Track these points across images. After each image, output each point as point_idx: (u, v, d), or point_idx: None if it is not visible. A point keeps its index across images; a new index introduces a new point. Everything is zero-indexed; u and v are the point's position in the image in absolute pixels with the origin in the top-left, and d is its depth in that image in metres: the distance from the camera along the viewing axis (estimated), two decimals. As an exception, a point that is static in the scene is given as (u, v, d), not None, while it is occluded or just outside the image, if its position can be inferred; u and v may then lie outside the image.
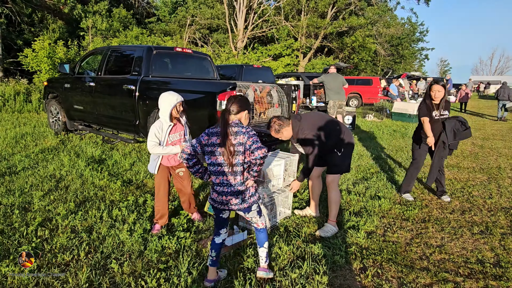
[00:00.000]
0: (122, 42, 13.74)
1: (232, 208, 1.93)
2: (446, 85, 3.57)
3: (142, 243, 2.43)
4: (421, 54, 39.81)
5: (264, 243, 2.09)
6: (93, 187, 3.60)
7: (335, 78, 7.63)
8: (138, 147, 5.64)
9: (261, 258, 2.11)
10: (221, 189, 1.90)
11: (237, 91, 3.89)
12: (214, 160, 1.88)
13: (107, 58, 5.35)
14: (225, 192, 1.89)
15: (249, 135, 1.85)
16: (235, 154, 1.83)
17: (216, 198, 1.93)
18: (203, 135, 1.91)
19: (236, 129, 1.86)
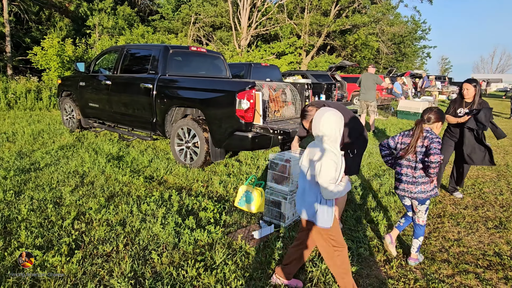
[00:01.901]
0: (128, 40, 13.81)
1: (411, 196, 2.35)
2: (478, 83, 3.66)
3: (176, 236, 2.54)
4: (423, 52, 39.83)
5: (419, 237, 2.42)
6: (118, 183, 3.72)
7: (366, 78, 7.81)
8: (153, 144, 5.75)
9: (413, 248, 2.44)
10: (404, 179, 2.36)
11: (255, 89, 4.00)
12: (401, 155, 2.36)
13: (123, 56, 5.45)
14: (407, 182, 2.34)
15: (433, 141, 2.23)
16: (419, 153, 2.27)
17: (399, 186, 2.42)
18: (398, 135, 2.44)
19: (425, 134, 2.28)
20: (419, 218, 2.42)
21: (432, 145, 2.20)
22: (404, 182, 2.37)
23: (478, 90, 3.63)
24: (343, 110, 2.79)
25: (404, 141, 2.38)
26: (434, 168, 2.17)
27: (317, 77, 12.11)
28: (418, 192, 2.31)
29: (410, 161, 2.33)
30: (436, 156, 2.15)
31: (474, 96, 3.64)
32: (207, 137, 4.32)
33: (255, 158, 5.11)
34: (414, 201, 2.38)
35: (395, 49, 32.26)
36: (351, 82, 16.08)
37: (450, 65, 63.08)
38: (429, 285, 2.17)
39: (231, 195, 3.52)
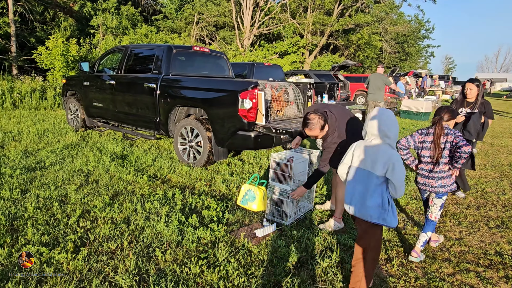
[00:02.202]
0: (132, 39, 13.89)
1: (431, 190, 2.48)
2: (481, 83, 3.68)
3: (179, 234, 2.58)
4: (426, 52, 39.63)
5: (427, 232, 2.52)
6: (122, 181, 3.76)
7: (375, 78, 7.81)
8: (156, 143, 5.79)
9: (418, 241, 2.51)
10: (426, 174, 2.50)
11: (258, 89, 4.02)
12: (424, 153, 2.49)
13: (127, 56, 5.49)
14: (429, 177, 2.48)
15: (456, 136, 2.38)
16: (443, 149, 2.41)
17: (420, 181, 2.56)
18: (416, 134, 2.56)
19: (446, 131, 2.42)
20: (432, 213, 2.54)
21: (458, 139, 2.36)
22: (425, 177, 2.52)
23: (481, 90, 3.64)
24: (343, 111, 2.81)
25: (425, 139, 2.50)
26: (465, 158, 2.33)
27: (320, 77, 12.10)
28: (439, 186, 2.46)
29: (432, 157, 2.45)
30: (468, 146, 2.29)
31: (476, 96, 3.65)
32: (210, 136, 4.36)
33: (258, 157, 5.14)
34: (432, 194, 2.52)
35: (398, 48, 32.15)
36: (354, 81, 16.09)
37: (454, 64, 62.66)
38: (429, 283, 2.19)
39: (234, 194, 3.55)
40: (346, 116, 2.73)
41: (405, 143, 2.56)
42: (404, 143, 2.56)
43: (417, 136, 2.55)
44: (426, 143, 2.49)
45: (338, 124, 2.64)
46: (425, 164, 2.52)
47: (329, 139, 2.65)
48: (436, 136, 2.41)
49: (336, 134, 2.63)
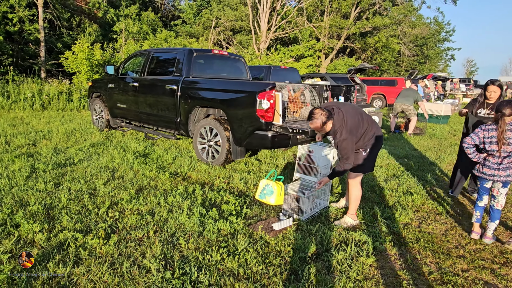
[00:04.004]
0: (152, 44, 14.35)
1: (499, 180, 2.70)
2: (503, 86, 3.67)
3: (200, 225, 2.73)
4: (446, 54, 38.76)
5: (495, 221, 2.77)
6: (145, 177, 3.97)
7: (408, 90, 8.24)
8: (176, 143, 6.01)
9: (489, 230, 2.79)
10: (495, 166, 2.71)
11: (275, 90, 4.15)
12: (493, 148, 2.68)
13: (150, 60, 5.75)
14: (497, 168, 2.69)
15: None
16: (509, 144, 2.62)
17: (487, 172, 2.75)
18: (480, 130, 2.75)
19: (510, 127, 2.62)
20: (498, 203, 2.77)
21: None
22: (493, 169, 2.72)
23: (502, 93, 3.63)
24: (353, 109, 2.88)
25: (492, 134, 2.69)
26: None
27: (336, 80, 12.13)
28: (506, 175, 2.68)
29: (501, 151, 2.65)
30: None
31: (498, 98, 3.63)
32: (228, 136, 4.51)
33: (274, 157, 5.26)
34: (499, 183, 2.74)
35: (417, 51, 31.62)
36: (371, 84, 15.98)
37: (476, 67, 60.85)
38: (443, 277, 2.24)
39: (251, 191, 3.68)
40: (356, 114, 2.82)
41: (471, 142, 2.77)
42: (470, 142, 2.77)
43: (481, 132, 2.75)
44: (494, 138, 2.67)
45: (346, 120, 2.70)
46: (493, 157, 2.71)
47: (338, 135, 2.69)
48: (500, 131, 2.60)
49: (344, 130, 2.68)
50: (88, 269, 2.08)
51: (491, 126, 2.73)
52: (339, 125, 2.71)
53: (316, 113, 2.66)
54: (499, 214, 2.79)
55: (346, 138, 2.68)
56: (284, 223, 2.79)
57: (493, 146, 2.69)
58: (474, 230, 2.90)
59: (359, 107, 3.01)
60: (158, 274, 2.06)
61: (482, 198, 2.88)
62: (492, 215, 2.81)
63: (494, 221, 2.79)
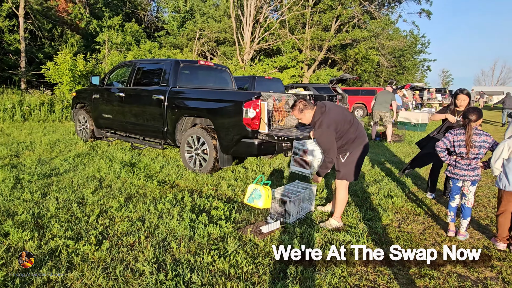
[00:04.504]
0: (136, 55, 14.36)
1: (468, 179, 2.97)
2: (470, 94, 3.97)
3: (191, 230, 2.80)
4: (423, 66, 40.49)
5: (467, 218, 3.01)
6: (133, 186, 4.00)
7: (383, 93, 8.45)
8: (162, 152, 6.05)
9: (462, 227, 3.02)
10: (464, 167, 2.97)
11: (261, 99, 4.31)
12: (462, 150, 2.94)
13: (136, 70, 5.82)
14: (466, 169, 2.96)
15: (489, 136, 2.91)
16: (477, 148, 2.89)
17: (458, 172, 3.01)
18: (450, 135, 3.01)
19: (477, 131, 2.91)
20: (469, 201, 3.02)
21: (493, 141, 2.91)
22: (463, 169, 2.98)
23: (470, 101, 3.93)
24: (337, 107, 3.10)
25: (460, 138, 2.95)
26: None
27: (318, 90, 12.49)
28: (475, 175, 2.96)
29: (470, 153, 2.91)
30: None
31: (466, 106, 3.92)
32: (215, 144, 4.61)
33: (260, 165, 5.38)
34: (468, 182, 2.99)
35: (395, 62, 32.86)
36: (352, 94, 16.48)
37: (451, 78, 63.61)
38: (421, 271, 2.41)
39: (239, 197, 3.78)
40: (341, 113, 3.02)
41: (443, 145, 3.04)
42: (442, 146, 3.04)
43: (451, 137, 3.01)
44: (462, 142, 2.94)
45: (327, 114, 2.90)
46: (462, 159, 2.99)
47: (316, 127, 2.93)
48: (467, 136, 2.88)
49: (324, 123, 2.87)
50: (82, 274, 2.12)
51: (459, 131, 2.98)
52: (318, 117, 2.92)
53: (297, 101, 3.01)
54: (470, 211, 3.02)
55: (323, 132, 2.87)
56: (272, 226, 2.90)
57: (461, 149, 2.95)
58: (450, 229, 3.11)
59: (350, 113, 3.21)
60: (152, 276, 2.12)
61: (454, 198, 3.10)
62: (464, 213, 3.02)
63: (466, 218, 3.01)
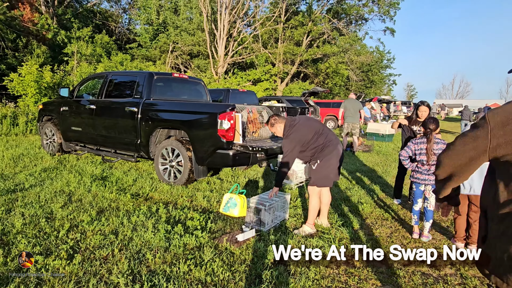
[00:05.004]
0: (107, 67, 14.07)
1: (429, 183, 3.20)
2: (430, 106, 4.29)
3: (166, 241, 2.79)
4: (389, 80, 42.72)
5: (430, 220, 3.21)
6: (105, 199, 3.90)
7: (353, 103, 8.50)
8: (135, 165, 5.94)
9: (425, 229, 3.22)
10: (426, 173, 3.21)
11: (235, 111, 4.41)
12: (422, 158, 3.19)
13: (108, 82, 5.74)
14: (427, 174, 3.20)
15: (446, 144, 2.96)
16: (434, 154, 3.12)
17: (420, 177, 3.25)
18: (411, 144, 3.27)
19: (436, 140, 3.14)
20: (430, 204, 3.23)
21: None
22: (424, 174, 3.22)
23: (430, 112, 4.25)
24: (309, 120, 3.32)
25: (421, 147, 3.20)
26: None
27: (291, 102, 12.82)
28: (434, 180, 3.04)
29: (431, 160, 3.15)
30: None
31: (427, 116, 4.23)
32: (190, 156, 4.62)
33: (235, 176, 5.43)
34: (429, 186, 3.22)
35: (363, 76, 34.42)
36: (324, 107, 17.05)
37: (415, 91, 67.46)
38: (388, 272, 2.54)
39: (215, 208, 3.80)
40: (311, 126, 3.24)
41: (405, 154, 3.31)
42: (405, 154, 3.31)
43: (412, 146, 3.27)
44: (423, 150, 3.19)
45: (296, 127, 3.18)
46: (423, 165, 3.22)
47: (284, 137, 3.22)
48: (430, 145, 3.13)
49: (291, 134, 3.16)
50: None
51: (420, 140, 3.23)
52: (288, 130, 3.21)
53: (270, 117, 3.32)
54: (432, 214, 3.24)
55: (288, 142, 3.16)
56: (248, 234, 2.95)
57: (422, 157, 3.20)
58: (414, 231, 3.31)
59: (322, 125, 3.39)
60: (127, 287, 2.10)
61: (417, 202, 3.31)
62: (427, 215, 3.24)
63: (428, 220, 3.23)
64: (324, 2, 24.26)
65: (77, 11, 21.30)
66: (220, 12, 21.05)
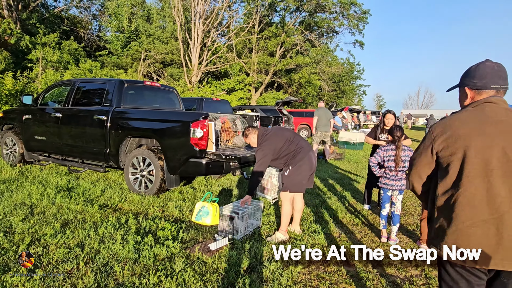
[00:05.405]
0: (75, 74, 13.57)
1: (396, 189, 3.35)
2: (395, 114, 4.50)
3: (136, 252, 2.70)
4: (359, 90, 44.43)
5: (397, 224, 3.35)
6: (71, 211, 3.73)
7: (324, 112, 8.59)
8: (104, 175, 5.73)
9: (393, 233, 3.35)
10: (393, 178, 3.35)
11: (208, 120, 4.39)
12: (390, 164, 3.33)
13: (76, 90, 5.53)
14: (394, 180, 3.35)
15: (412, 151, 3.17)
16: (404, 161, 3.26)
17: (387, 183, 3.39)
18: (380, 151, 3.40)
19: (404, 147, 3.31)
20: (397, 208, 3.39)
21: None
22: (392, 180, 3.37)
23: (396, 121, 4.47)
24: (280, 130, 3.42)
25: (389, 154, 3.35)
26: None
27: (265, 111, 12.96)
28: (401, 185, 3.35)
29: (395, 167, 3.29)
30: None
31: (393, 125, 4.44)
32: (162, 165, 4.53)
33: (209, 185, 5.38)
34: (396, 191, 3.37)
35: (335, 87, 35.54)
36: (297, 116, 17.38)
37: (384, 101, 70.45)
38: (358, 275, 2.61)
39: (187, 217, 3.74)
40: (283, 136, 3.32)
41: (375, 161, 3.44)
42: (374, 161, 3.44)
43: (381, 153, 3.40)
44: (391, 157, 3.33)
45: (268, 137, 3.29)
46: (390, 171, 3.37)
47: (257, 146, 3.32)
48: (398, 151, 3.28)
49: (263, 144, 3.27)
50: (9, 308, 1.92)
51: (389, 147, 3.38)
52: (261, 139, 3.31)
53: (245, 129, 3.44)
54: (399, 218, 3.39)
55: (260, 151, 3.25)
56: (220, 243, 2.92)
57: (390, 163, 3.34)
58: (382, 235, 3.44)
59: (294, 133, 3.46)
60: (92, 303, 2.00)
61: (385, 207, 3.44)
62: (394, 219, 3.37)
63: (395, 224, 3.36)
64: (296, 15, 24.97)
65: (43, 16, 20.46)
66: (194, 22, 21.05)
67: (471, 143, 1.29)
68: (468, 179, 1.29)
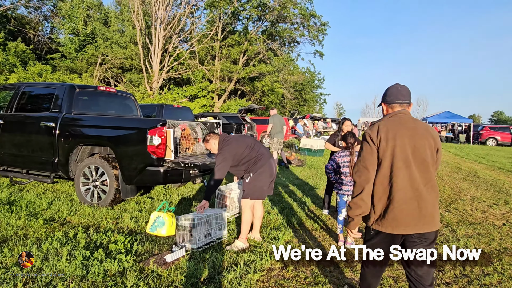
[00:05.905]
0: (22, 78, 12.57)
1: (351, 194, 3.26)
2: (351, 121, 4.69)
3: (84, 268, 2.51)
4: (320, 99, 46.07)
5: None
6: (10, 227, 3.39)
7: (279, 119, 8.63)
8: (52, 187, 5.32)
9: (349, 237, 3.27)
10: (348, 183, 3.41)
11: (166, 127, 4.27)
12: (345, 170, 3.43)
13: (20, 95, 5.12)
14: (349, 185, 3.40)
15: None
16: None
17: (344, 188, 3.45)
18: (335, 158, 3.51)
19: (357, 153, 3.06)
20: None
21: None
22: (347, 185, 3.43)
23: (352, 128, 4.66)
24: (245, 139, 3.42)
25: (344, 160, 3.47)
26: None
27: (228, 119, 12.94)
28: None
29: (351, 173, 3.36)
30: None
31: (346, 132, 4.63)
32: (117, 174, 4.31)
33: (168, 194, 5.21)
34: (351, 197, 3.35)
35: (297, 95, 36.53)
36: (260, 123, 17.56)
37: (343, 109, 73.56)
38: (315, 279, 2.65)
39: (143, 228, 3.57)
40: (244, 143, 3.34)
41: (330, 167, 3.55)
42: (330, 167, 3.55)
43: (337, 159, 3.51)
44: (346, 163, 3.45)
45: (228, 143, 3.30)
46: (346, 176, 3.46)
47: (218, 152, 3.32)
48: (352, 157, 3.38)
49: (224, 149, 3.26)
50: None
51: (343, 153, 3.50)
52: (221, 145, 3.31)
53: (206, 135, 3.44)
54: None
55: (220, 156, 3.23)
56: (177, 254, 2.82)
57: (345, 169, 3.47)
58: (339, 239, 3.54)
59: (255, 140, 3.46)
60: (29, 328, 1.82)
61: (341, 212, 3.55)
62: None
63: None
64: (259, 24, 25.40)
65: (-15, 15, 18.83)
66: (155, 27, 20.57)
67: (396, 143, 1.75)
68: (398, 169, 1.74)
